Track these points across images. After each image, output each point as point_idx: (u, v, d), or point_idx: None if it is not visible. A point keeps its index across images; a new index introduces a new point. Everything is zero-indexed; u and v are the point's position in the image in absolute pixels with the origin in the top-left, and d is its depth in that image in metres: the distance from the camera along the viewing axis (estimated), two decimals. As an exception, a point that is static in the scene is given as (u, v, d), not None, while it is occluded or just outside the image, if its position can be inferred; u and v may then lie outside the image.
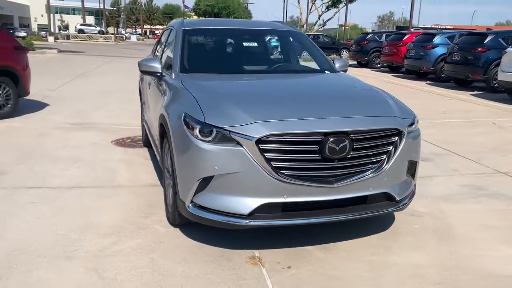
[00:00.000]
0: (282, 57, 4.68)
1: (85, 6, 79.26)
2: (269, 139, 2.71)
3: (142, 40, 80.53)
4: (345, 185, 2.87)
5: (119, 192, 4.09)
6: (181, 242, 3.15)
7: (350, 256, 3.04)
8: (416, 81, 14.90)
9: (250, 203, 2.78)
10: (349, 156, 2.84)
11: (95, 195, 4.00)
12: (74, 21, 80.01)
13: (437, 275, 2.81)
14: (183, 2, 79.21)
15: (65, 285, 2.58)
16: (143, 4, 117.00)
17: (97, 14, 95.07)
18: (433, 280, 2.76)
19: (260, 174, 2.73)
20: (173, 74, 3.75)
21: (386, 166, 2.97)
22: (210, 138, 2.77)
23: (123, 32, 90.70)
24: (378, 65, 19.77)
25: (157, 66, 3.89)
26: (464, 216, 3.76)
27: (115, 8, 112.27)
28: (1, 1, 73.46)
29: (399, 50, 16.31)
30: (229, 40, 4.50)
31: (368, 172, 2.93)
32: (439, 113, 8.96)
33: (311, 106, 3.05)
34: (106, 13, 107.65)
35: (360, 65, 21.27)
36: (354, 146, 2.85)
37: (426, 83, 14.38)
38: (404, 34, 17.40)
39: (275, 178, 2.74)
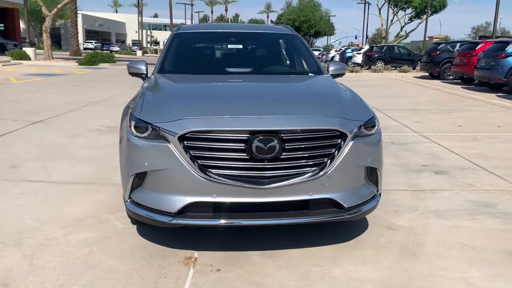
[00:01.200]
0: (269, 59, 4.58)
1: (174, 23, 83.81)
2: (194, 136, 2.66)
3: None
4: (279, 188, 2.73)
5: (105, 189, 4.24)
6: (128, 238, 3.18)
7: (289, 264, 2.87)
8: (485, 93, 13.75)
9: (178, 201, 2.74)
10: (282, 157, 2.70)
11: (81, 191, 4.19)
12: (163, 37, 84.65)
13: (373, 292, 2.56)
14: (268, 16, 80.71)
15: (-3, 268, 2.73)
16: (229, 20, 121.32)
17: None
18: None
19: (187, 172, 2.68)
20: (152, 75, 3.84)
21: (327, 170, 2.77)
22: (145, 134, 2.78)
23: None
24: (451, 77, 18.56)
25: (142, 68, 4.01)
26: (447, 234, 3.38)
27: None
28: (101, 19, 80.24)
29: (470, 60, 15.17)
30: (216, 42, 4.52)
31: (305, 175, 2.75)
32: (493, 126, 8.18)
33: (252, 105, 2.95)
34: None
35: (432, 76, 20.11)
36: (286, 147, 2.70)
37: (496, 95, 13.22)
38: (478, 44, 16.17)
39: (202, 177, 2.68)
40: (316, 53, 53.02)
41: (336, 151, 2.78)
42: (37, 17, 52.33)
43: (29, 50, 23.74)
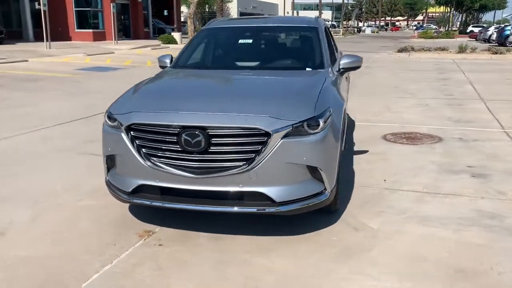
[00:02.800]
0: (278, 53, 4.66)
1: (330, 2, 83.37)
2: (138, 127, 3.09)
3: (376, 32, 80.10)
4: (210, 178, 3.00)
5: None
6: (119, 210, 3.75)
7: (224, 248, 3.13)
8: None
9: (131, 183, 3.22)
10: (210, 150, 2.96)
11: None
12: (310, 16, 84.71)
13: (271, 283, 2.70)
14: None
15: None
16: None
17: (339, 9, 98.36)
18: (261, 284, 2.68)
19: (135, 159, 3.13)
20: (165, 69, 4.35)
21: (255, 165, 2.94)
22: (113, 124, 3.30)
23: (357, 24, 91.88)
24: None
25: (166, 61, 4.54)
26: (409, 242, 3.22)
27: (355, 2, 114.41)
28: (256, 2, 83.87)
29: None
30: (233, 38, 4.77)
31: (234, 169, 2.96)
32: None
33: (198, 102, 3.23)
34: (349, 7, 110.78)
35: None
36: (213, 141, 2.94)
37: None
38: None
39: (146, 164, 3.10)
40: (475, 30, 47.66)
41: (263, 148, 2.92)
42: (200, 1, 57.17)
43: (176, 35, 26.47)
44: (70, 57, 17.43)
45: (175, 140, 2.99)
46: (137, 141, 3.11)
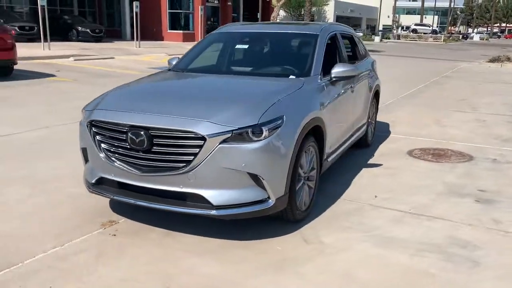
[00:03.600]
0: (272, 60, 4.62)
1: (436, 6, 79.19)
2: (97, 124, 3.34)
3: (486, 39, 74.19)
4: (154, 176, 3.16)
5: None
6: (96, 199, 4.04)
7: (162, 243, 3.26)
8: None
9: (94, 175, 3.49)
10: (153, 150, 3.11)
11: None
12: (409, 21, 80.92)
13: (181, 284, 2.79)
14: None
15: None
16: (500, 0, 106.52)
17: (446, 14, 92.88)
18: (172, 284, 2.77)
19: (97, 152, 3.39)
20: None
21: (192, 168, 3.03)
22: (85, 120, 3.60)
23: (465, 30, 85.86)
24: None
25: (172, 63, 4.79)
26: (352, 262, 3.08)
27: (465, 7, 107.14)
28: (353, 5, 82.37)
29: None
30: (235, 43, 4.85)
31: (174, 170, 3.09)
32: None
33: (149, 103, 3.38)
34: (458, 12, 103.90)
35: None
36: (155, 142, 3.09)
37: None
38: None
39: (104, 158, 3.35)
40: None
41: (200, 152, 3.00)
42: (293, 5, 57.65)
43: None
44: (152, 56, 18.63)
45: (124, 138, 3.18)
46: (97, 137, 3.36)
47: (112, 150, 3.30)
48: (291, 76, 4.03)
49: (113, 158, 3.29)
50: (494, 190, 4.53)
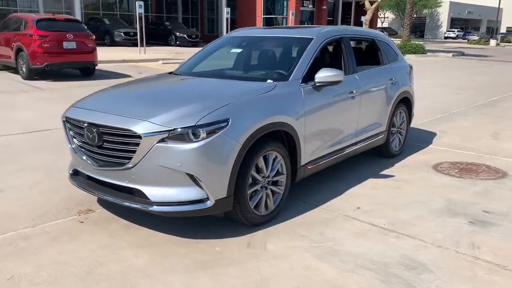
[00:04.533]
0: (262, 64, 4.58)
1: None
2: (68, 120, 3.68)
3: None
4: (106, 170, 3.42)
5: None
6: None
7: (114, 234, 3.49)
8: None
9: (70, 166, 3.86)
10: (103, 146, 3.37)
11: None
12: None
13: (79, 267, 2.98)
14: None
15: None
16: None
17: None
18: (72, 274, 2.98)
19: (71, 146, 3.76)
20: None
21: (133, 165, 3.22)
22: None
23: None
24: None
25: (178, 68, 5.05)
26: (274, 271, 3.01)
27: None
28: (471, 6, 76.43)
29: None
30: (236, 47, 4.91)
31: (119, 166, 3.30)
32: None
33: (118, 103, 3.63)
34: None
35: None
36: (104, 138, 3.33)
37: None
38: None
39: (73, 151, 3.69)
40: None
41: (138, 150, 3.18)
42: (401, 8, 55.27)
43: (350, 41, 26.33)
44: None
45: (83, 133, 3.48)
46: (70, 131, 3.71)
47: (79, 144, 3.62)
48: (268, 80, 4.01)
49: (79, 152, 3.61)
50: (502, 212, 4.03)
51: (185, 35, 25.04)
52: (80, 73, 12.36)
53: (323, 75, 4.04)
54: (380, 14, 71.53)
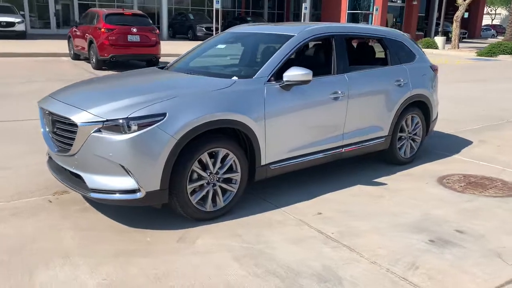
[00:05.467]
0: (242, 60, 4.49)
1: None
2: (41, 109, 4.00)
3: None
4: (60, 156, 3.68)
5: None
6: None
7: (65, 214, 3.74)
8: None
9: (47, 151, 4.20)
10: (56, 133, 3.62)
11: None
12: None
13: (13, 239, 3.22)
14: None
15: None
16: None
17: None
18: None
19: (42, 131, 4.06)
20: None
21: (75, 152, 3.43)
22: None
23: None
24: None
25: (171, 62, 5.20)
26: (184, 264, 3.05)
27: None
28: None
29: None
30: (222, 42, 4.90)
31: (66, 152, 3.53)
32: None
33: (81, 94, 3.85)
34: None
35: None
36: (57, 126, 3.59)
37: None
38: None
39: (43, 136, 4.01)
40: None
41: (77, 138, 3.38)
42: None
43: (438, 39, 24.60)
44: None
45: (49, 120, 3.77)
46: (44, 120, 4.03)
47: (47, 131, 3.92)
48: (233, 77, 3.99)
49: (46, 138, 3.91)
50: (477, 234, 3.61)
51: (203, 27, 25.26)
52: (146, 65, 13.13)
53: (291, 73, 3.92)
54: (490, 10, 65.77)
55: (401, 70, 5.19)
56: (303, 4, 21.86)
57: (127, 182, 3.33)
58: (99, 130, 3.30)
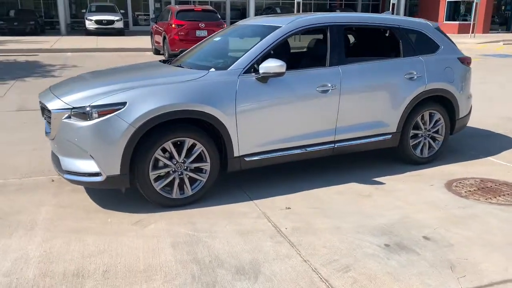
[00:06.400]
0: (228, 52, 4.46)
1: None
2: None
3: None
4: (49, 141, 4.08)
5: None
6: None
7: (55, 192, 4.14)
8: None
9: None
10: (46, 120, 4.02)
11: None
12: None
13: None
14: None
15: None
16: None
17: None
18: None
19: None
20: None
21: (52, 137, 3.79)
22: None
23: None
24: None
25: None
26: (120, 245, 3.24)
27: None
28: None
29: None
30: (220, 35, 4.93)
31: (50, 137, 3.92)
32: None
33: (72, 86, 4.15)
34: None
35: None
36: (45, 114, 3.98)
37: None
38: None
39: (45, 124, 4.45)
40: None
41: (52, 123, 3.73)
42: None
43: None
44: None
45: (45, 110, 4.20)
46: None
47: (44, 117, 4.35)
48: (211, 69, 4.07)
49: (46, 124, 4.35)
50: (446, 243, 3.29)
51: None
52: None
53: (266, 65, 3.89)
54: None
55: (415, 62, 4.81)
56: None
57: (92, 166, 3.61)
58: (69, 117, 3.61)
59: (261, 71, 3.92)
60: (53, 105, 3.71)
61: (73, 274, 2.87)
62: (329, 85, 4.27)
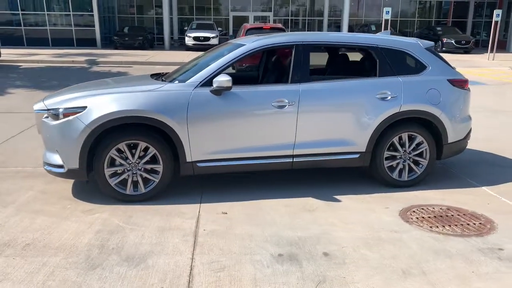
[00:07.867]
0: (202, 67, 4.76)
1: None
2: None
3: None
4: (46, 136, 4.89)
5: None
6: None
7: (50, 180, 4.92)
8: None
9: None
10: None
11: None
12: None
13: None
14: None
15: None
16: None
17: None
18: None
19: None
20: None
21: (39, 132, 4.58)
22: None
23: None
24: None
25: None
26: (72, 233, 3.82)
27: None
28: None
29: None
30: (218, 52, 5.32)
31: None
32: None
33: (64, 91, 4.89)
34: None
35: None
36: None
37: None
38: None
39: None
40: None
41: (38, 122, 4.50)
42: None
43: None
44: (493, 70, 16.67)
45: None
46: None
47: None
48: (175, 82, 4.54)
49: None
50: (340, 261, 3.30)
51: (452, 41, 23.08)
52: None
53: (217, 79, 4.25)
54: None
55: (391, 83, 4.74)
56: (495, 11, 19.15)
57: (58, 159, 4.28)
58: (47, 117, 4.34)
59: (214, 84, 4.27)
60: (37, 106, 4.48)
61: (3, 243, 3.51)
62: (286, 101, 4.45)
